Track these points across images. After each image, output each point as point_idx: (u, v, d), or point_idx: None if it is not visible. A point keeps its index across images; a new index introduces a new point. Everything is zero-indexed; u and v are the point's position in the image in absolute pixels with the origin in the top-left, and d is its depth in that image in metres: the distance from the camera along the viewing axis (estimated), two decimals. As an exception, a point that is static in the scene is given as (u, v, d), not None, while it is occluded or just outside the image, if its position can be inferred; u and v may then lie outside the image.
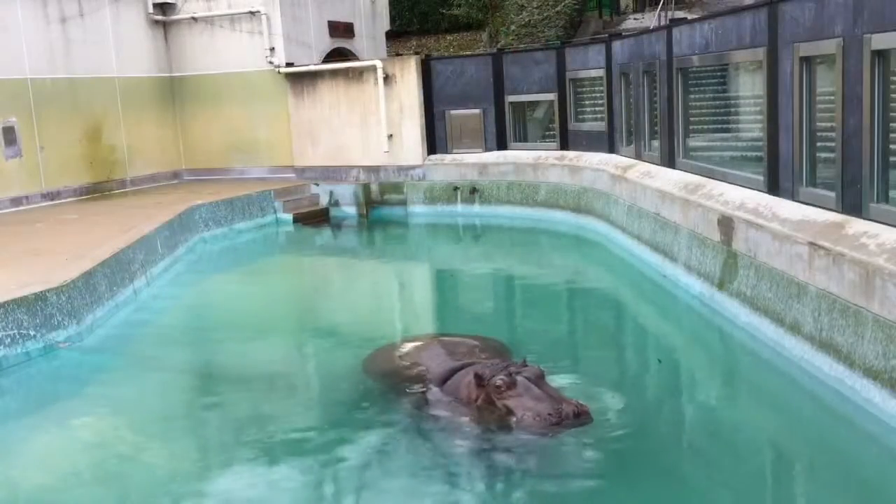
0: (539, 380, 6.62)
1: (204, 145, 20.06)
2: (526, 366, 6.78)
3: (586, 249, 14.16)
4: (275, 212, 17.29)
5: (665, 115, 12.28)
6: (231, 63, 19.33)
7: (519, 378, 6.53)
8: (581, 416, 6.28)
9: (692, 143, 12.13)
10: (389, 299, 12.54)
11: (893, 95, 7.03)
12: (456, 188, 17.55)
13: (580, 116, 16.65)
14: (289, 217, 17.28)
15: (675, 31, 11.82)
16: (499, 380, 6.52)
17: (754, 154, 10.09)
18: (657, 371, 8.37)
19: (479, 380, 6.66)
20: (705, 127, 13.10)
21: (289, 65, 18.92)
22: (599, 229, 14.49)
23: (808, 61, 8.28)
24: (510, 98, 17.33)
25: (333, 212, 18.18)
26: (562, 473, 5.81)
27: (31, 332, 8.84)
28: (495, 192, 17.14)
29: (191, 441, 7.08)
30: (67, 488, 6.28)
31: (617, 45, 14.91)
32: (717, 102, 13.02)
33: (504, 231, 16.38)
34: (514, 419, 6.34)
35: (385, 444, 6.48)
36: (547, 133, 17.77)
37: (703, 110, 13.06)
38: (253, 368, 8.69)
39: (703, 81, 12.78)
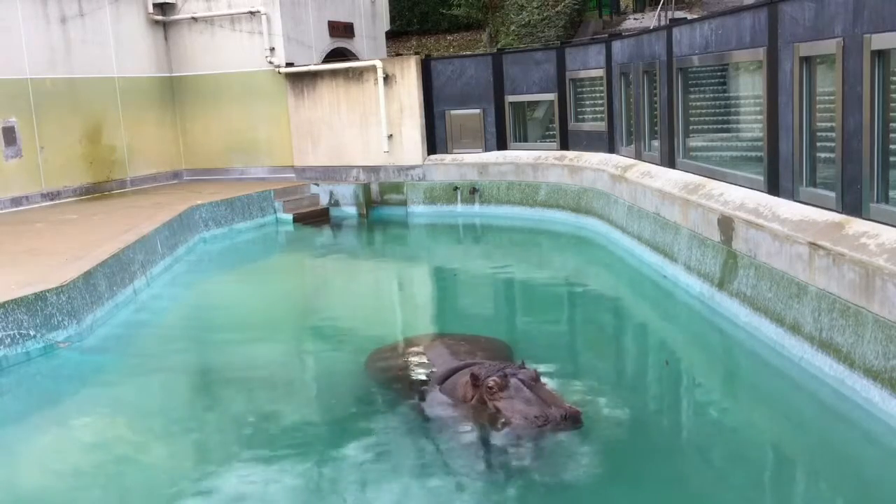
0: (534, 382, 6.61)
1: (204, 145, 20.06)
2: (523, 367, 6.79)
3: (586, 249, 14.15)
4: (275, 212, 17.30)
5: (665, 115, 12.27)
6: (231, 63, 19.33)
7: (512, 380, 6.53)
8: (570, 420, 6.26)
9: (692, 143, 12.13)
10: (390, 299, 12.54)
11: (893, 95, 7.03)
12: (456, 188, 17.55)
13: (580, 116, 16.65)
14: (289, 217, 17.29)
15: (675, 31, 11.81)
16: (491, 381, 6.54)
17: (754, 154, 10.10)
18: (657, 371, 8.37)
19: (475, 380, 6.68)
20: (705, 127, 13.12)
21: (289, 65, 18.92)
22: (599, 229, 14.49)
23: (808, 61, 8.29)
24: (510, 98, 17.32)
25: (333, 212, 18.19)
26: (552, 474, 5.78)
27: (31, 332, 8.84)
28: (495, 192, 17.13)
29: (191, 441, 7.07)
30: (67, 488, 6.28)
31: (617, 45, 14.90)
32: (717, 102, 13.04)
33: (504, 231, 16.37)
34: (502, 421, 6.35)
35: (379, 443, 6.50)
36: (547, 133, 17.78)
37: (704, 110, 13.08)
38: (253, 368, 8.69)
39: (704, 81, 12.80)
